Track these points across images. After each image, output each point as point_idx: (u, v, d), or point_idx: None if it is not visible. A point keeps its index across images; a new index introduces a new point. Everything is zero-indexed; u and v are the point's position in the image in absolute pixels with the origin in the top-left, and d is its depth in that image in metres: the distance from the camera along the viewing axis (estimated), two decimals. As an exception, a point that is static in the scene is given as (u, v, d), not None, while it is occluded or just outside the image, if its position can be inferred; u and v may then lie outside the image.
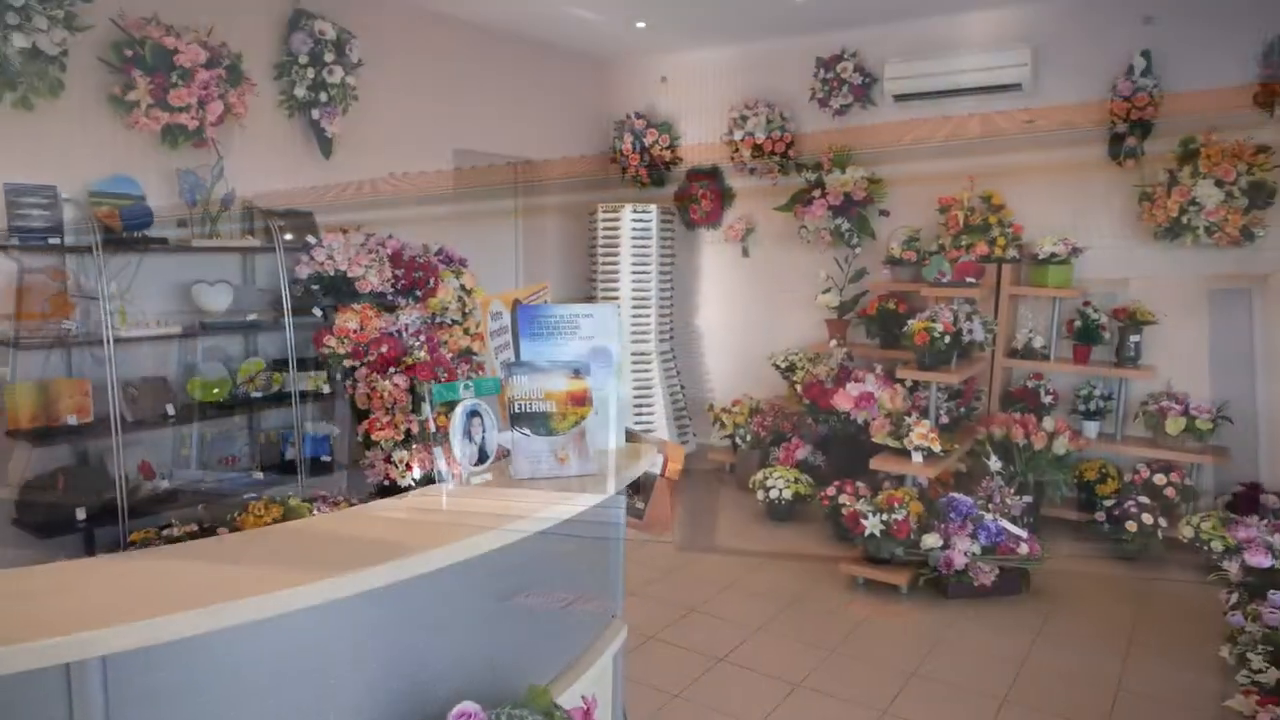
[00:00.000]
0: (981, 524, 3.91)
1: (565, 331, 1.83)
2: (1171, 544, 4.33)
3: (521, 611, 1.60)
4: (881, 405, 4.74)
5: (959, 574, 3.81)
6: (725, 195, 6.16)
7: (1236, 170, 4.29)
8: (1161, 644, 3.46)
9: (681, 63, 6.28)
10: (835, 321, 5.54)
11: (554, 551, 1.64)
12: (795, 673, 3.23)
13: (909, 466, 4.20)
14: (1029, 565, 3.89)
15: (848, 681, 3.18)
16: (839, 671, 3.26)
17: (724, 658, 3.36)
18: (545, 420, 1.65)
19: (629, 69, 6.52)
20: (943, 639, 3.51)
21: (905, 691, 3.11)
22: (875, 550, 3.94)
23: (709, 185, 6.11)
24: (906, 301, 5.35)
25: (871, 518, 3.95)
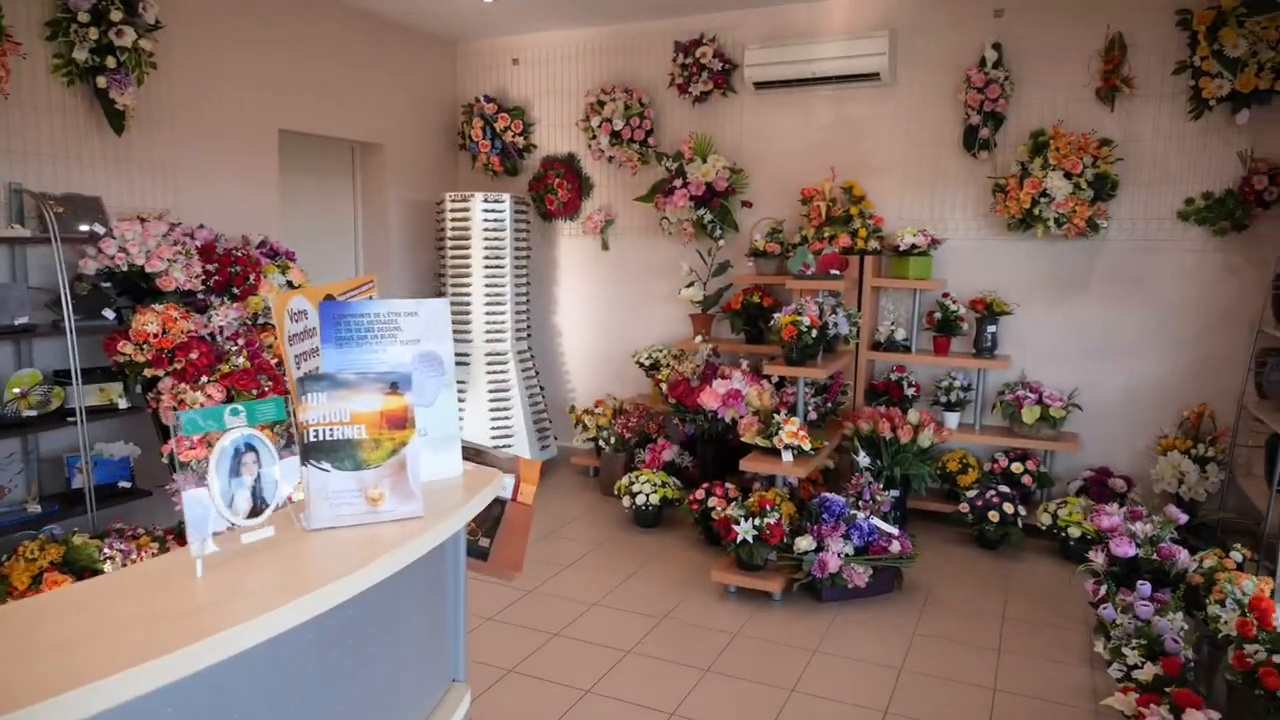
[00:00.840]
0: (854, 524, 3.78)
1: (382, 334, 1.46)
2: (1031, 530, 4.37)
3: (336, 690, 1.24)
4: (749, 402, 4.57)
5: (833, 577, 3.67)
6: (583, 185, 5.85)
7: (1083, 163, 4.37)
8: (1035, 639, 3.43)
9: (534, 44, 5.91)
10: (700, 316, 5.35)
11: (367, 617, 1.27)
12: (668, 700, 2.97)
13: (779, 466, 4.03)
14: (901, 564, 3.80)
15: (723, 707, 2.94)
16: (714, 696, 3.01)
17: (590, 689, 3.05)
18: (351, 450, 1.28)
19: (478, 50, 6.09)
20: (820, 650, 3.34)
21: (785, 712, 2.90)
22: (748, 557, 3.74)
23: (565, 174, 5.79)
24: (771, 295, 5.21)
25: (743, 523, 3.74)
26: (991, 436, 4.71)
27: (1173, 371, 4.54)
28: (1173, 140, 4.43)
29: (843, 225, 4.93)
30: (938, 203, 4.93)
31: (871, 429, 4.48)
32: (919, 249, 4.72)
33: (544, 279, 6.06)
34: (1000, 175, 4.70)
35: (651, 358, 5.42)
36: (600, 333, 5.95)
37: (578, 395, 6.07)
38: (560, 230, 6.00)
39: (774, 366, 4.29)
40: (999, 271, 4.82)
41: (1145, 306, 4.56)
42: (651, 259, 5.72)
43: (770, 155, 5.30)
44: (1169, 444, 4.42)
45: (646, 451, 5.08)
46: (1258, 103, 4.17)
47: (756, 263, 5.15)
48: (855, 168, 5.06)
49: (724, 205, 5.32)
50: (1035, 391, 4.59)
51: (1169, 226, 4.48)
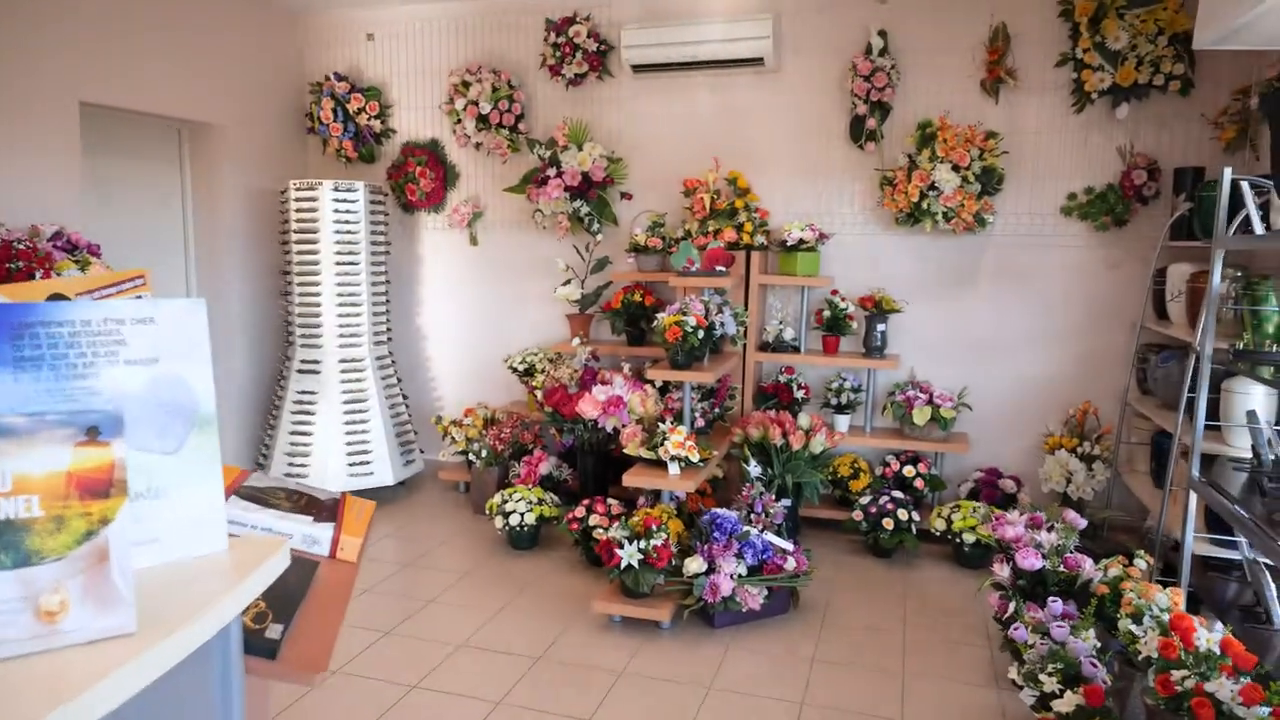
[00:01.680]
0: (747, 542, 3.47)
1: (93, 351, 1.00)
2: (925, 536, 4.20)
3: None
4: (632, 410, 4.21)
5: (726, 600, 3.35)
6: (448, 173, 5.35)
7: (970, 155, 4.23)
8: (939, 659, 3.21)
9: (391, 19, 5.37)
10: (577, 317, 4.95)
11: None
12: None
13: (665, 480, 3.68)
14: (798, 583, 3.52)
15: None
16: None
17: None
18: (12, 536, 0.82)
19: (328, 23, 5.48)
20: (714, 687, 3.01)
21: (678, 767, 2.55)
22: (634, 584, 3.37)
23: (428, 161, 5.27)
24: (654, 293, 4.87)
25: (628, 546, 3.38)
26: (882, 439, 4.53)
27: (1058, 368, 4.48)
28: (1055, 134, 4.35)
29: (728, 219, 4.65)
30: (825, 196, 4.72)
31: (762, 435, 4.20)
32: (807, 244, 4.49)
33: (406, 277, 5.52)
34: (888, 168, 4.52)
35: (526, 362, 4.99)
36: (470, 335, 5.47)
37: (446, 404, 5.56)
38: (423, 223, 5.47)
39: (658, 370, 3.95)
40: (888, 268, 4.65)
41: (1030, 303, 4.48)
42: (525, 255, 5.28)
43: (651, 144, 4.97)
44: (1055, 442, 4.34)
45: (522, 465, 4.65)
46: (1137, 97, 4.13)
47: (637, 259, 4.80)
48: (740, 158, 4.79)
49: (601, 197, 4.94)
50: (926, 392, 4.43)
51: (1053, 221, 4.40)
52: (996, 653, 3.22)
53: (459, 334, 5.49)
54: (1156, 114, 4.19)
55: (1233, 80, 4.03)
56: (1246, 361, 2.75)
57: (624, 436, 4.00)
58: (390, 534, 4.49)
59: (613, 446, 4.46)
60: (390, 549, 4.29)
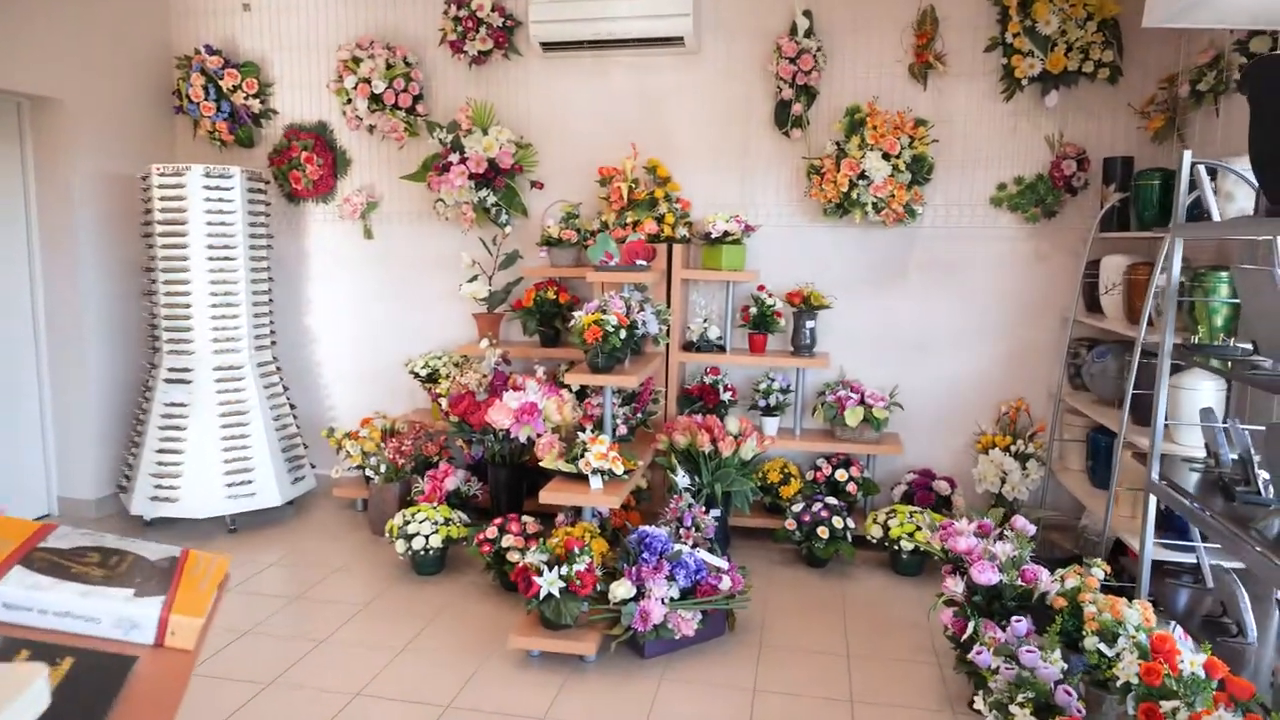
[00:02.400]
0: (679, 561, 3.16)
1: None
2: (860, 542, 3.98)
3: None
4: (548, 417, 3.84)
5: (657, 628, 3.03)
6: (338, 159, 4.86)
7: (900, 143, 4.03)
8: (887, 683, 2.97)
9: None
10: (485, 316, 4.55)
11: None
12: (456, 839, 2.18)
13: (587, 495, 3.34)
14: (735, 605, 3.23)
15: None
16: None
17: (346, 837, 2.20)
18: None
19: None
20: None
21: (613, 835, 2.21)
22: (555, 615, 3.01)
23: (316, 146, 4.76)
24: (569, 290, 4.51)
25: (547, 573, 3.01)
26: (812, 442, 4.29)
27: (989, 365, 4.34)
28: (984, 122, 4.20)
29: (647, 210, 4.33)
30: (750, 186, 4.45)
31: (689, 442, 3.90)
32: (732, 237, 4.21)
33: (292, 274, 4.99)
34: (815, 156, 4.28)
35: (428, 366, 4.55)
36: (366, 338, 4.98)
37: (340, 414, 5.06)
38: (311, 214, 4.96)
39: (575, 374, 3.59)
40: (816, 261, 4.42)
41: (960, 297, 4.33)
42: (426, 249, 4.84)
43: (563, 129, 4.60)
44: (989, 441, 4.20)
45: (426, 480, 4.21)
46: (1066, 84, 4.01)
47: (550, 253, 4.43)
48: (660, 146, 4.48)
49: (510, 186, 4.55)
50: (857, 391, 4.22)
51: (982, 213, 4.26)
52: (948, 672, 3.00)
53: (354, 336, 5.00)
54: (1085, 102, 4.09)
55: (1159, 69, 3.95)
56: (1203, 356, 2.59)
57: (539, 448, 3.64)
58: (276, 562, 3.99)
59: (527, 458, 4.08)
60: (275, 580, 3.80)
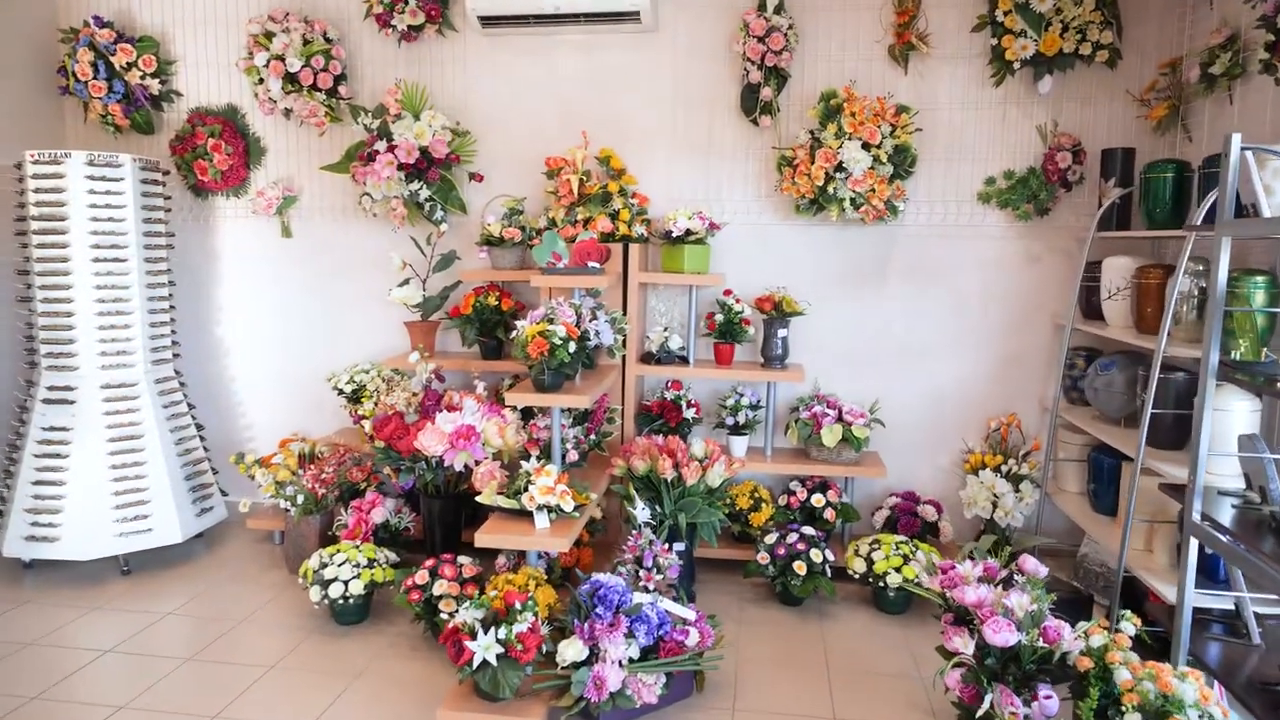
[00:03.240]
0: (639, 615, 2.70)
1: None
2: (839, 574, 3.57)
3: None
4: (487, 442, 3.36)
5: (614, 696, 2.57)
6: (250, 147, 4.31)
7: (881, 132, 3.62)
8: (878, 754, 2.55)
9: (171, -49, 4.26)
10: (418, 325, 4.04)
11: None
12: None
13: (531, 537, 2.87)
14: (705, 665, 2.78)
15: None
16: None
17: None
18: None
19: (85, -47, 4.31)
20: (604, 829, 2.22)
21: None
22: (492, 687, 2.53)
23: (224, 132, 4.21)
24: (512, 295, 4.03)
25: (482, 636, 2.53)
26: (785, 463, 3.87)
27: (976, 376, 3.96)
28: (971, 109, 3.82)
29: (600, 205, 3.86)
30: (714, 179, 4.02)
31: (649, 468, 3.45)
32: (695, 235, 3.77)
33: (199, 277, 4.43)
34: (787, 146, 3.86)
35: (354, 382, 4.03)
36: (286, 349, 4.44)
37: (257, 434, 4.51)
38: (221, 209, 4.40)
39: (518, 393, 3.12)
40: (787, 263, 4.00)
41: (945, 302, 3.94)
42: (353, 249, 4.31)
43: (505, 115, 4.11)
44: (978, 461, 3.82)
45: (350, 512, 3.70)
46: (1060, 68, 3.64)
47: (491, 253, 3.94)
48: (613, 134, 4.01)
49: (446, 178, 4.05)
50: (834, 407, 3.81)
51: (969, 210, 3.87)
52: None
53: (271, 347, 4.45)
54: (1081, 89, 3.73)
55: (1160, 52, 3.61)
56: (1250, 375, 2.22)
57: (478, 478, 3.16)
58: (175, 610, 3.45)
59: (465, 486, 3.59)
60: (173, 634, 3.25)
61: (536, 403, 3.10)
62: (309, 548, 3.75)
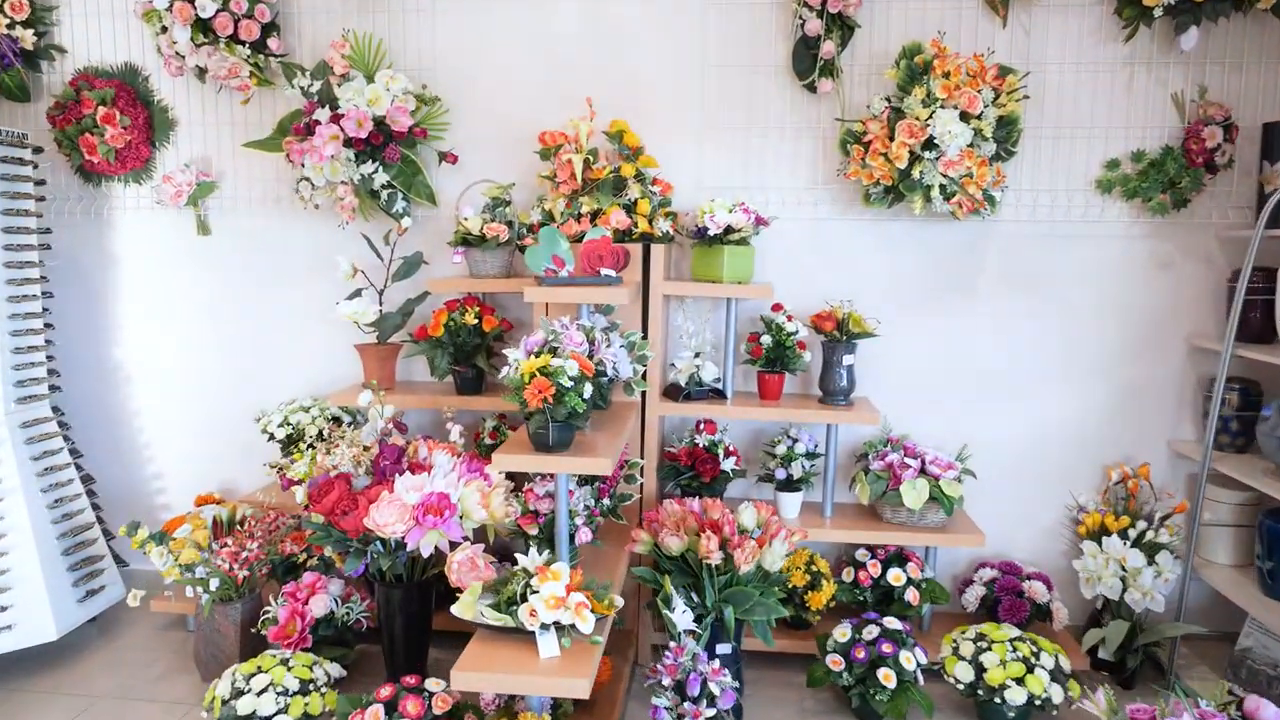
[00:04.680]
0: (698, 799, 1.82)
1: None
2: (936, 682, 2.71)
3: None
4: (466, 515, 2.46)
5: None
6: (155, 119, 3.35)
7: (982, 99, 2.77)
8: None
9: None
10: (374, 350, 3.11)
11: None
12: None
13: (533, 673, 1.97)
14: None
15: None
16: None
17: None
18: None
19: None
20: None
21: None
22: None
23: (120, 99, 3.24)
24: (496, 309, 3.12)
25: None
26: (849, 526, 3.00)
27: (1087, 413, 3.13)
28: (1088, 72, 2.98)
29: (611, 193, 2.97)
30: (754, 162, 3.14)
31: (687, 549, 2.56)
32: (738, 233, 2.89)
33: (89, 286, 3.46)
34: (854, 118, 3.00)
35: (289, 424, 3.10)
36: (204, 377, 3.48)
37: (168, 487, 3.55)
38: (116, 199, 3.43)
39: (510, 453, 2.22)
40: (848, 269, 3.14)
41: (1048, 318, 3.10)
42: (289, 250, 3.37)
43: (485, 78, 3.20)
44: (1095, 522, 2.98)
45: (281, 602, 2.76)
46: (1210, 17, 2.81)
47: (469, 256, 3.03)
48: (626, 103, 3.12)
49: (409, 158, 3.13)
50: (914, 455, 2.95)
51: (1082, 201, 3.03)
52: None
53: (186, 375, 3.49)
54: (1233, 46, 2.90)
55: (1338, -2, 2.79)
56: None
57: (455, 570, 2.26)
58: (32, 749, 2.50)
59: (436, 570, 2.68)
60: (13, 799, 2.30)
61: (537, 468, 2.21)
62: (226, 648, 2.82)
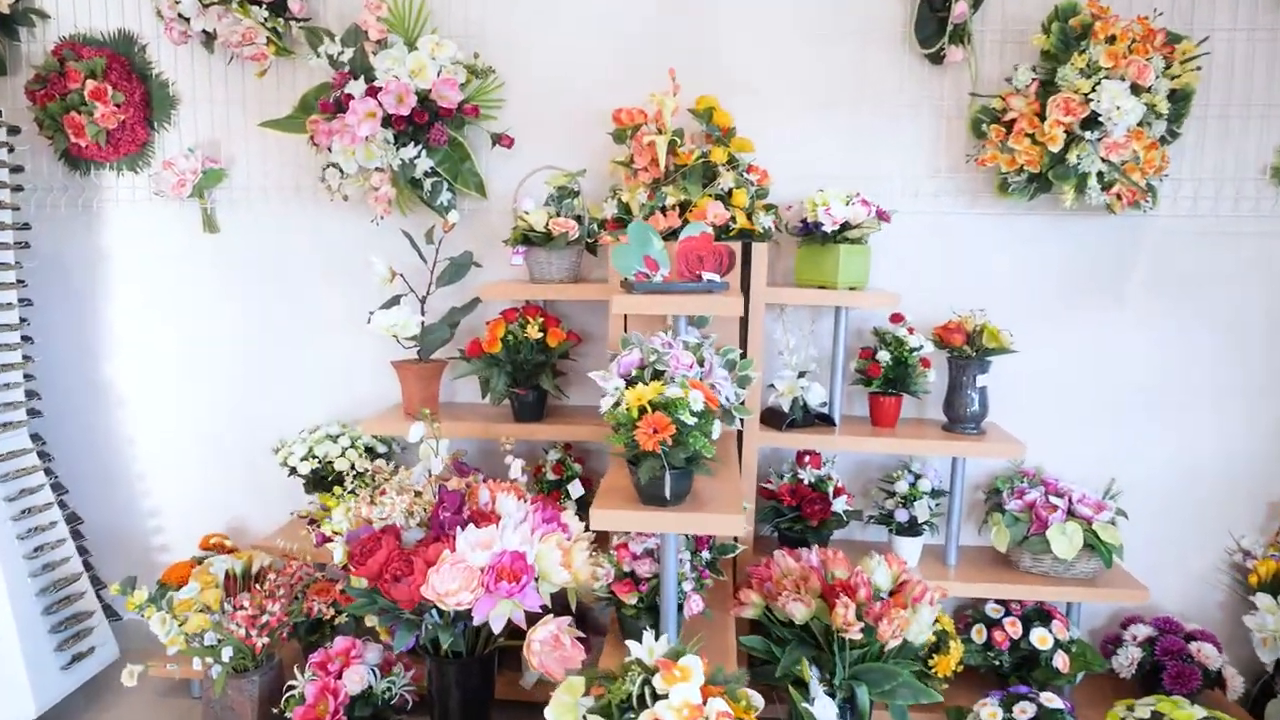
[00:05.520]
0: None
1: None
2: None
3: None
4: (544, 578, 1.98)
5: None
6: (154, 96, 2.85)
7: (1153, 68, 2.30)
8: None
9: None
10: (413, 368, 2.62)
11: None
12: None
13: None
14: None
15: None
16: None
17: None
18: None
19: None
20: None
21: None
22: None
23: (112, 72, 2.74)
24: (562, 321, 2.63)
25: None
26: (977, 576, 2.54)
27: (1252, 440, 2.66)
28: (1264, 41, 2.52)
29: (700, 182, 2.49)
30: (863, 146, 2.66)
31: (813, 616, 2.08)
32: (858, 230, 2.42)
33: (75, 291, 2.96)
34: (990, 92, 2.53)
35: (316, 457, 2.61)
36: (211, 399, 2.99)
37: (166, 527, 3.05)
38: (108, 189, 2.92)
39: (615, 510, 1.74)
40: (973, 271, 2.67)
41: (1208, 331, 2.64)
42: (312, 250, 2.88)
43: (543, 45, 2.72)
44: (1270, 570, 2.52)
45: (308, 676, 2.27)
46: None
47: (531, 257, 2.55)
48: (711, 77, 2.64)
49: (456, 141, 2.64)
50: (1057, 493, 2.48)
51: (1253, 193, 2.57)
52: None
53: (187, 396, 2.99)
54: None
55: None
56: None
57: (537, 655, 1.78)
58: None
59: (499, 642, 2.20)
60: None
61: (651, 527, 1.73)
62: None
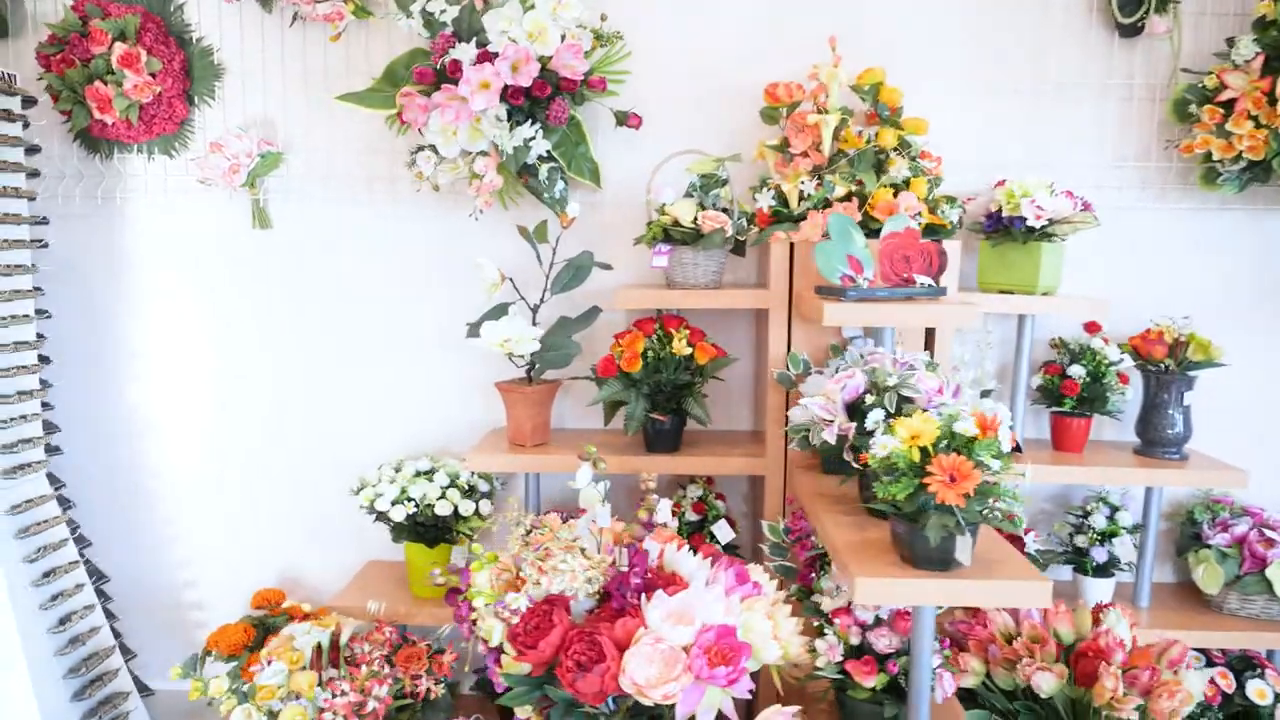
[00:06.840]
0: None
1: None
2: None
3: None
4: (757, 656, 1.59)
5: None
6: (195, 63, 2.37)
7: (1398, 40, 2.01)
8: None
9: None
10: (524, 391, 2.19)
11: None
12: None
13: None
14: None
15: None
16: None
17: None
18: None
19: None
20: None
21: None
22: None
23: (145, 34, 2.26)
24: (706, 333, 2.22)
25: None
26: (1173, 621, 2.22)
27: None
28: None
29: (871, 169, 2.12)
30: (1039, 130, 2.32)
31: (1064, 690, 1.73)
32: (1059, 224, 2.08)
33: (97, 299, 2.46)
34: (1193, 70, 2.21)
35: (409, 496, 2.17)
36: (264, 428, 2.51)
37: (201, 580, 2.56)
38: (134, 176, 2.42)
39: (888, 578, 1.36)
40: (1167, 274, 2.35)
41: None
42: (393, 251, 2.43)
43: (681, 11, 2.32)
44: None
45: (426, 773, 1.84)
46: None
47: (676, 258, 2.14)
48: (875, 48, 2.27)
49: (575, 121, 2.23)
50: (1270, 525, 2.18)
51: None
52: None
53: (231, 425, 2.51)
54: None
55: None
56: None
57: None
58: None
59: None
60: None
61: (949, 600, 1.36)
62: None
